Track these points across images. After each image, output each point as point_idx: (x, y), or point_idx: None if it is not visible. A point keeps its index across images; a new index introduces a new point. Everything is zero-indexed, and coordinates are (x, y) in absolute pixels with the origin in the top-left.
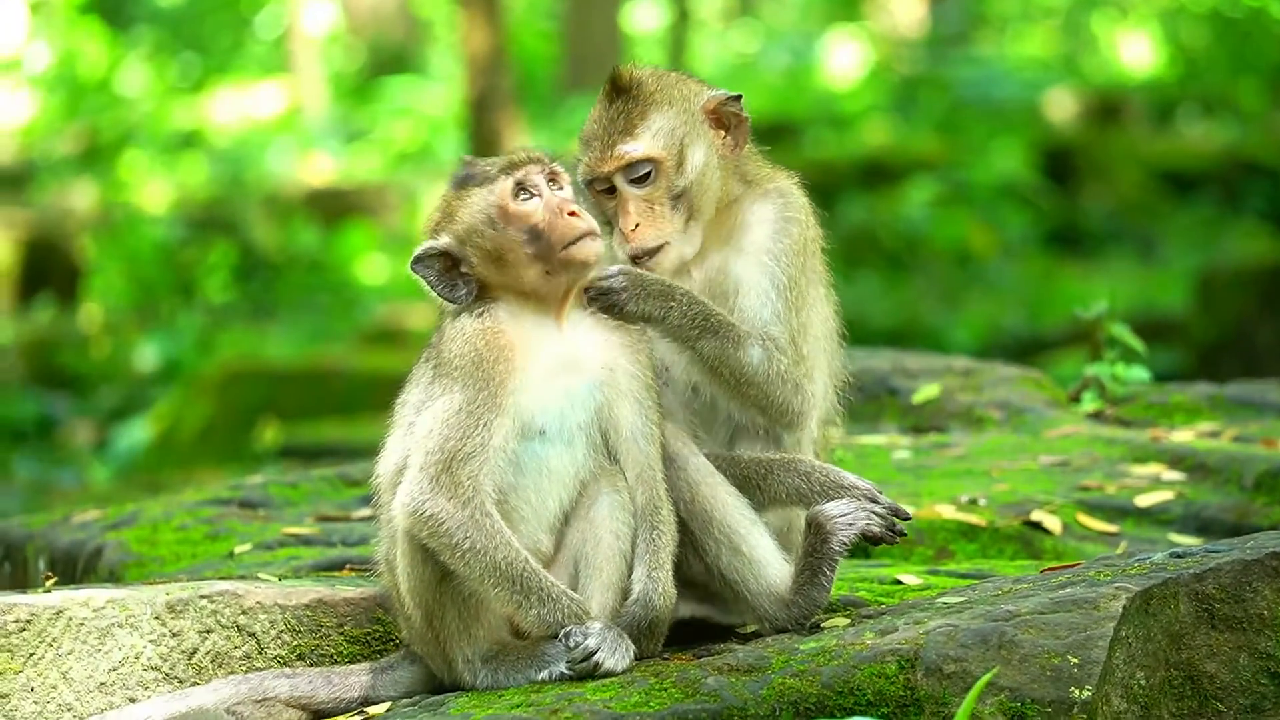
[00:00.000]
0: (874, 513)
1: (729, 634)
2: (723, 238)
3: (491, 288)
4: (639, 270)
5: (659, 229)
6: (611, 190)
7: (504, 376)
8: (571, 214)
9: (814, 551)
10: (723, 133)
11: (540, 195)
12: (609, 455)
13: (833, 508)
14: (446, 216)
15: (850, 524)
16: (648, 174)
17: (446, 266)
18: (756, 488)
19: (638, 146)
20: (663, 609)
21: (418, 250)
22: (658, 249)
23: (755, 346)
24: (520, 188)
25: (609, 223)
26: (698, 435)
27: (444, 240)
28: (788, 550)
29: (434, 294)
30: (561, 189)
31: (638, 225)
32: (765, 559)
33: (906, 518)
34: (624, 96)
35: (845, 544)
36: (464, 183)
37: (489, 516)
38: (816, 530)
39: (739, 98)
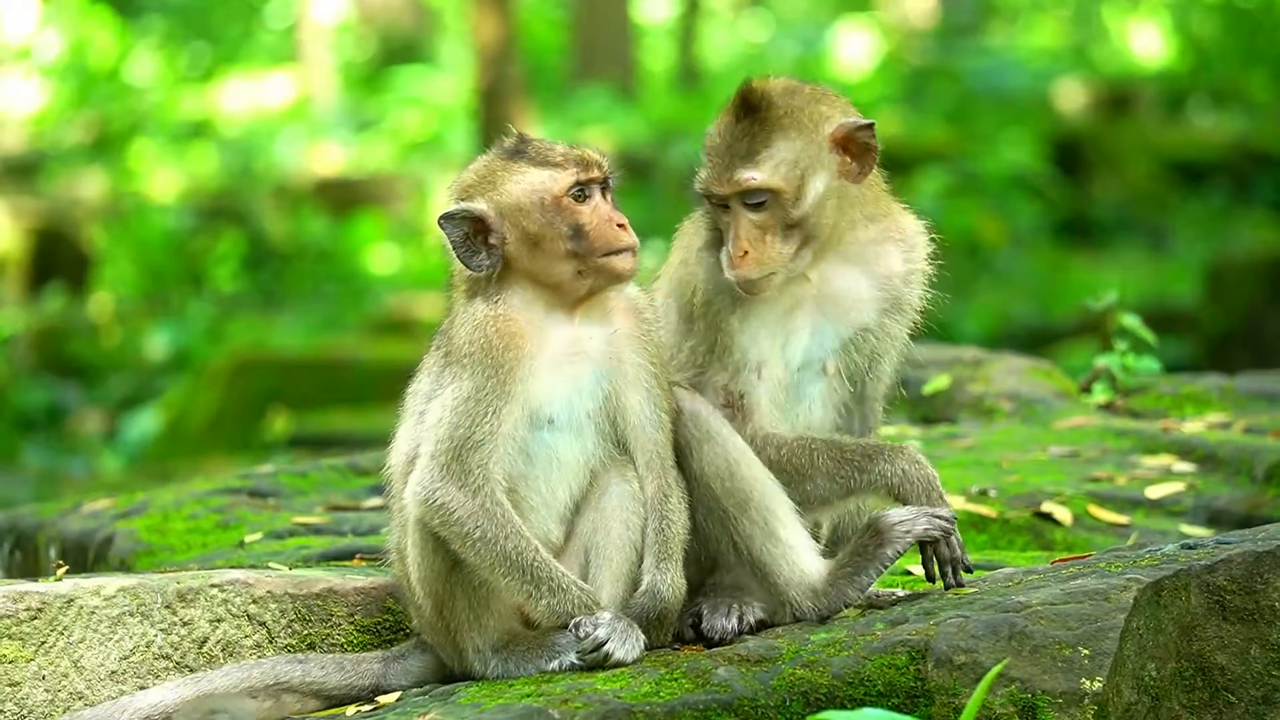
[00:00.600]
0: (937, 520)
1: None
2: (843, 254)
3: (513, 270)
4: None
5: (765, 259)
6: (726, 207)
7: (513, 364)
8: (620, 225)
9: (863, 552)
10: (848, 159)
11: (593, 199)
12: (618, 444)
13: (894, 514)
14: (488, 183)
15: (907, 530)
16: (763, 201)
17: (474, 231)
18: (857, 469)
19: (757, 175)
20: (672, 600)
21: (451, 207)
22: (760, 279)
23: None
24: (579, 186)
25: (719, 232)
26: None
27: (481, 206)
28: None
29: (452, 254)
30: (609, 199)
31: (746, 253)
32: (800, 545)
33: (970, 570)
34: (752, 116)
35: (899, 552)
36: (517, 156)
37: (499, 505)
38: (874, 533)
39: (871, 125)
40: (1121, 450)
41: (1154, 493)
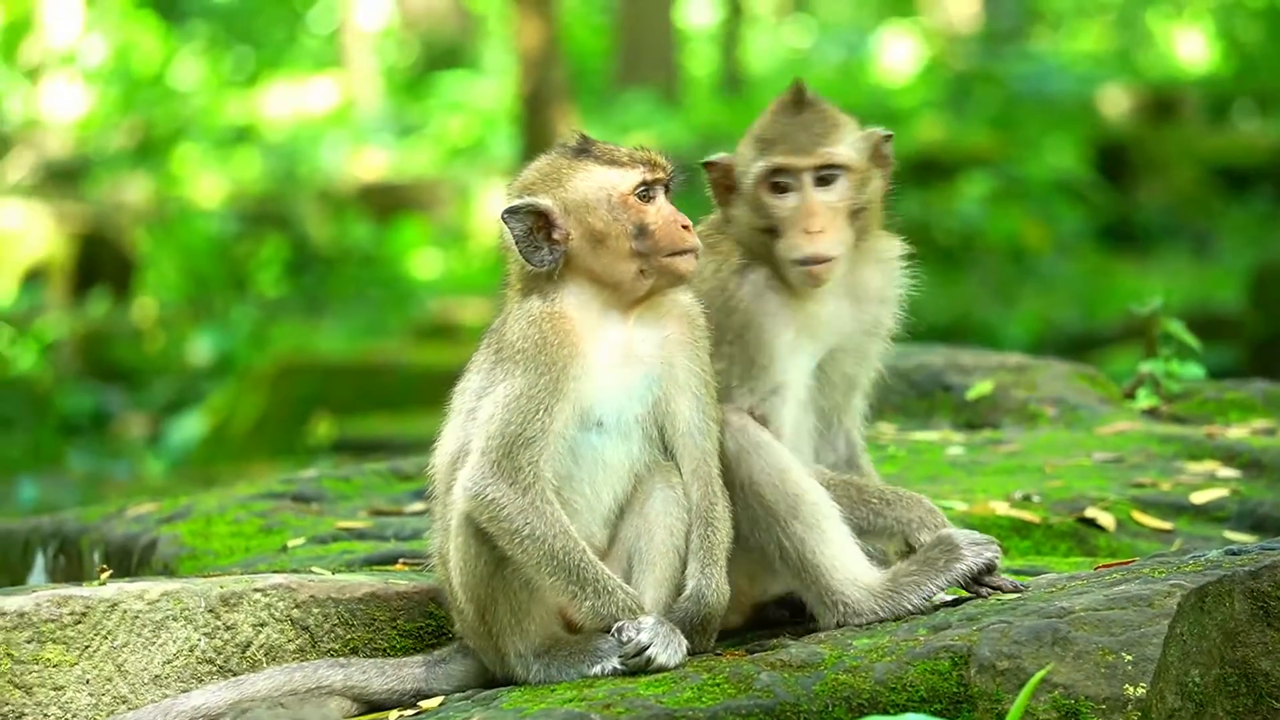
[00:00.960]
0: (996, 548)
1: (781, 629)
2: (868, 268)
3: (574, 267)
4: None
5: (838, 238)
6: (784, 189)
7: (567, 361)
8: (685, 226)
9: (933, 564)
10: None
11: (657, 199)
12: (664, 450)
13: (965, 534)
14: (553, 180)
15: (980, 553)
16: (834, 180)
17: (538, 227)
18: (874, 512)
19: (840, 151)
20: (716, 605)
21: (515, 201)
22: (831, 259)
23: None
24: (645, 186)
25: (769, 230)
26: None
27: (547, 201)
28: None
29: (514, 249)
30: (671, 201)
31: (823, 230)
32: (852, 551)
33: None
34: (811, 108)
35: (972, 569)
36: (582, 154)
37: (549, 504)
38: (947, 548)
39: (892, 136)
40: (1165, 456)
41: (1198, 498)
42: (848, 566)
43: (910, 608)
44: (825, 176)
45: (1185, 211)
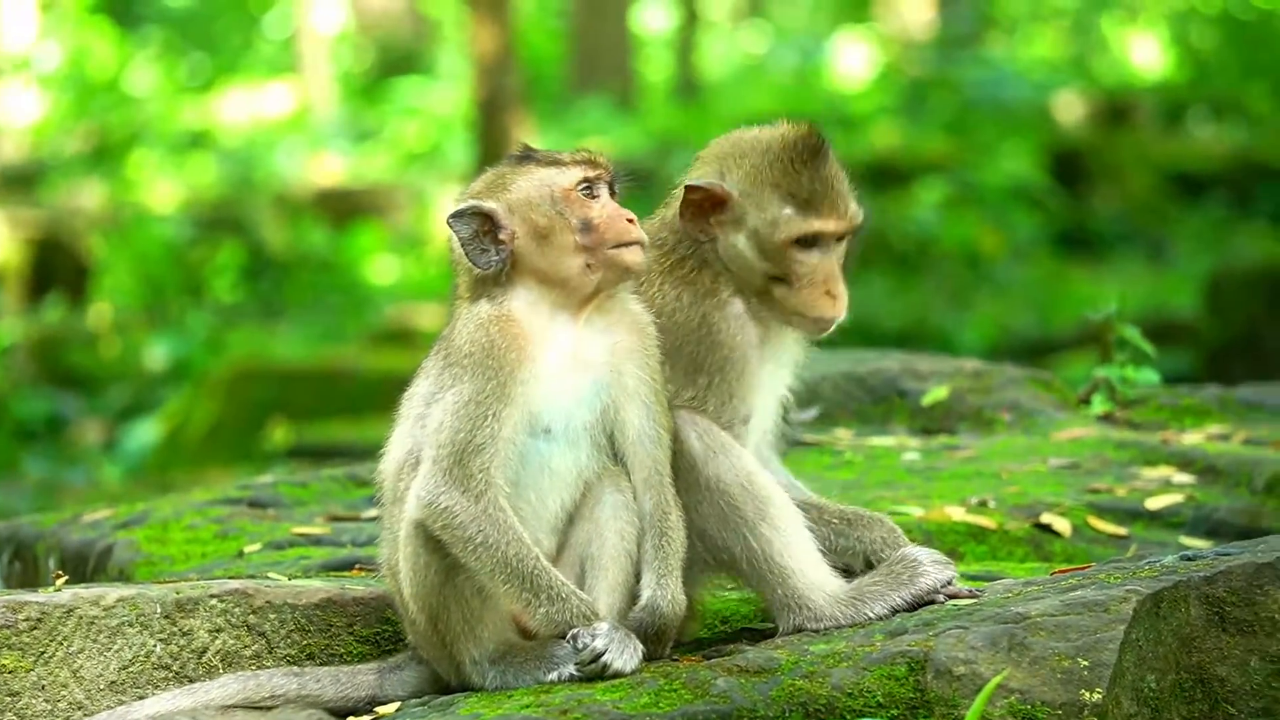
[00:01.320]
0: (953, 571)
1: (738, 635)
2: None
3: (521, 268)
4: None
5: (846, 296)
6: (812, 246)
7: (515, 366)
8: (630, 220)
9: (897, 578)
10: None
11: (601, 196)
12: (613, 457)
13: (927, 553)
14: (498, 185)
15: (940, 575)
16: (847, 239)
17: (484, 230)
18: (836, 532)
19: (861, 211)
20: (671, 616)
21: (461, 205)
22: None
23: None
24: (587, 184)
25: (779, 279)
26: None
27: (491, 203)
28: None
29: (461, 252)
30: (616, 200)
31: (843, 293)
32: (817, 555)
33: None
34: (827, 160)
35: (931, 588)
36: (525, 160)
37: (502, 511)
38: (910, 564)
39: None
40: (1121, 462)
41: (1153, 504)
42: (813, 571)
43: (872, 616)
44: (844, 237)
45: (1140, 217)
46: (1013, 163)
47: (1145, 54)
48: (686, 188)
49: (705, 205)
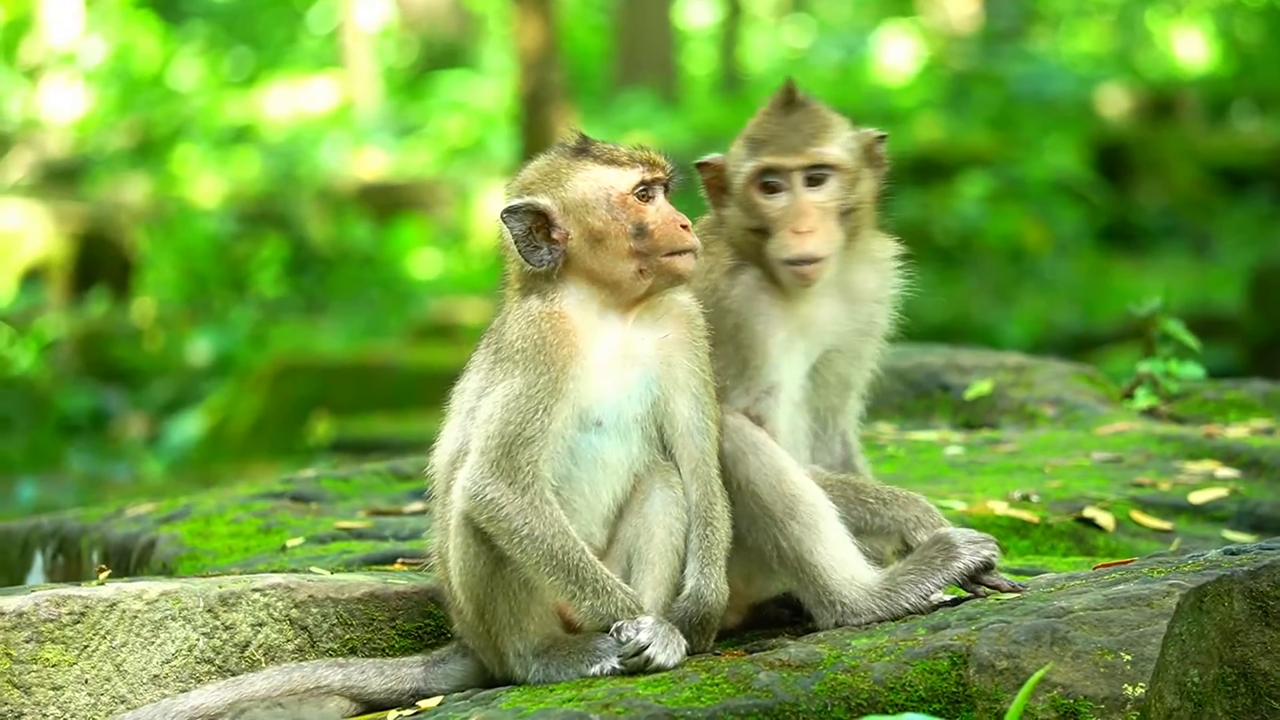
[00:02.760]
0: (993, 547)
1: (780, 629)
2: (861, 268)
3: (573, 267)
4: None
5: (828, 238)
6: (775, 189)
7: (566, 361)
8: (684, 226)
9: (930, 563)
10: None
11: (656, 199)
12: (663, 450)
13: (962, 533)
14: (552, 180)
15: (977, 552)
16: (824, 179)
17: (537, 227)
18: (873, 513)
19: (831, 150)
20: (715, 605)
21: (515, 201)
22: (820, 259)
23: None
24: (644, 187)
25: (758, 230)
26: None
27: (545, 201)
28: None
29: (513, 248)
30: (670, 201)
31: (813, 229)
32: (852, 548)
33: (1013, 588)
34: (802, 108)
35: (969, 567)
36: (581, 154)
37: (548, 504)
38: (944, 547)
39: (886, 137)
40: (1164, 456)
41: (1197, 498)
42: (845, 566)
43: (908, 606)
44: (815, 177)
45: (1184, 212)
46: (1056, 157)
47: (1190, 47)
48: (695, 166)
49: (716, 183)
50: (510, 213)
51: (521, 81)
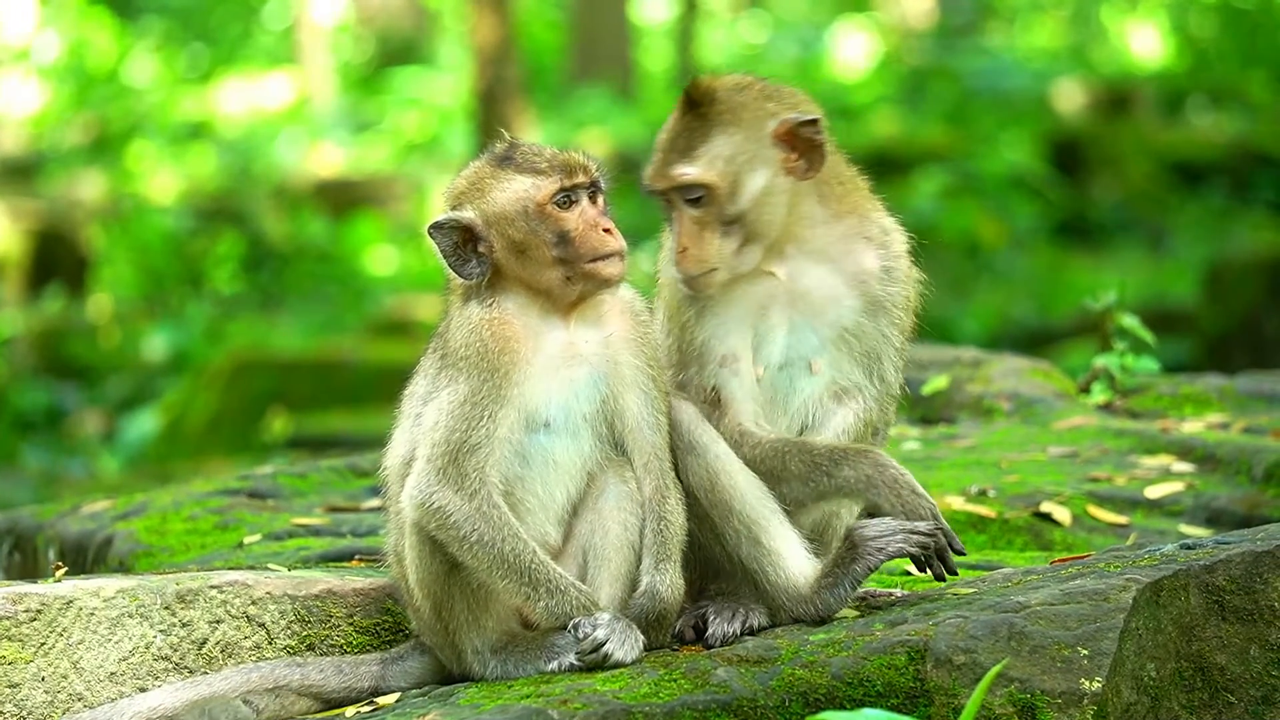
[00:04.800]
0: (913, 534)
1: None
2: (810, 252)
3: (505, 275)
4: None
5: (704, 256)
6: (668, 203)
7: (509, 367)
8: (606, 230)
9: (841, 563)
10: (794, 155)
11: (579, 204)
12: (615, 446)
13: (871, 528)
14: (477, 191)
15: (880, 548)
16: (700, 197)
17: (464, 240)
18: (825, 474)
19: (691, 170)
20: (671, 600)
21: (440, 217)
22: (702, 275)
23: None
24: (564, 193)
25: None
26: (759, 424)
27: (469, 215)
28: (823, 551)
29: (443, 263)
30: (598, 204)
31: (685, 250)
32: (785, 551)
33: (961, 552)
34: (695, 111)
35: (871, 569)
36: (505, 162)
37: (496, 508)
38: (850, 545)
39: (815, 121)
40: (1120, 450)
41: (1153, 493)
42: (780, 570)
43: (834, 609)
44: (688, 196)
45: (1140, 206)
46: (1012, 152)
47: (1144, 43)
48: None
49: None
50: (436, 228)
51: (478, 77)
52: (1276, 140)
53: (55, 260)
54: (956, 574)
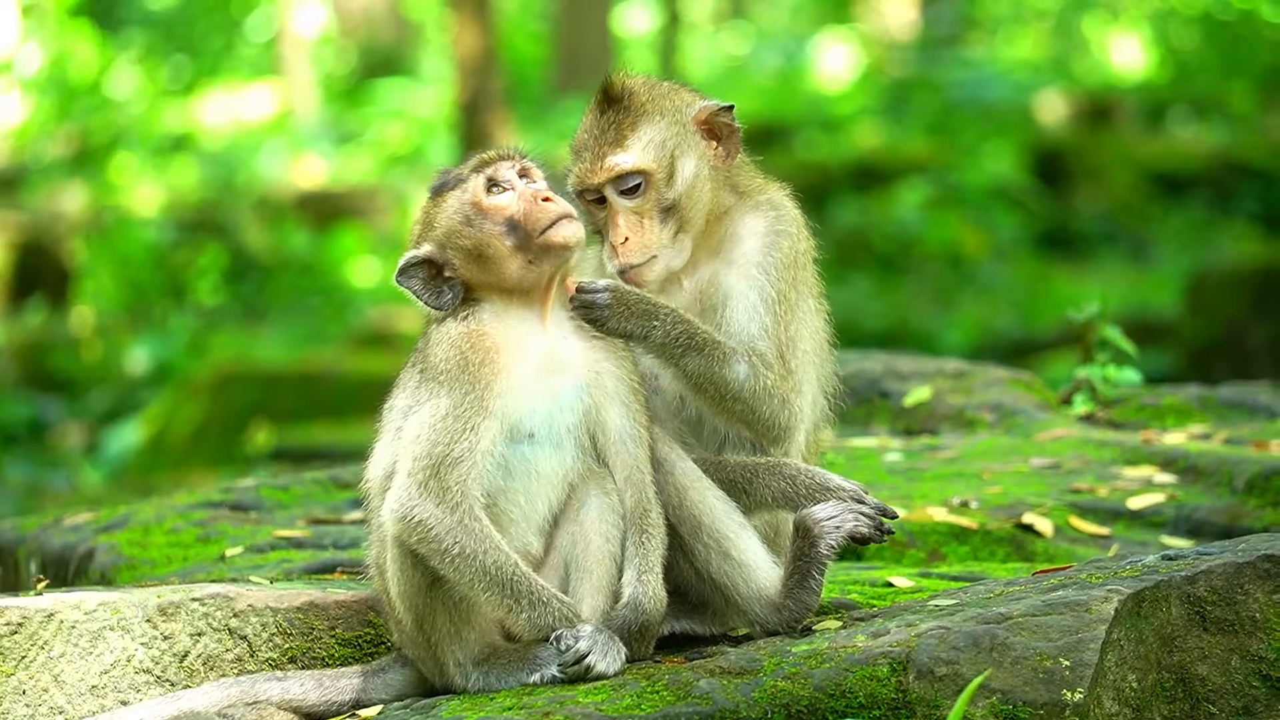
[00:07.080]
0: (861, 513)
1: (721, 637)
2: (713, 249)
3: (476, 288)
4: (625, 287)
5: (646, 243)
6: (602, 201)
7: (490, 379)
8: (546, 199)
9: (802, 555)
10: (714, 143)
11: (513, 189)
12: (597, 458)
13: (820, 511)
14: (426, 225)
15: (837, 527)
16: (638, 186)
17: (431, 274)
18: (743, 492)
19: (628, 158)
20: (653, 612)
21: (401, 262)
22: (644, 263)
23: (741, 363)
24: (492, 183)
25: (599, 233)
26: (686, 442)
27: (425, 248)
28: (776, 553)
29: (421, 303)
30: (533, 182)
31: (626, 239)
32: (755, 563)
33: (894, 516)
34: (615, 106)
35: (833, 547)
36: (440, 189)
37: (478, 521)
38: (804, 534)
39: (731, 108)
40: (1102, 461)
41: (1135, 504)
42: (750, 582)
43: (811, 607)
44: (622, 186)
45: (1122, 217)
46: (995, 163)
47: (1126, 54)
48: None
49: None
50: (403, 274)
51: (460, 88)
52: (1258, 151)
53: (37, 272)
54: (894, 534)
